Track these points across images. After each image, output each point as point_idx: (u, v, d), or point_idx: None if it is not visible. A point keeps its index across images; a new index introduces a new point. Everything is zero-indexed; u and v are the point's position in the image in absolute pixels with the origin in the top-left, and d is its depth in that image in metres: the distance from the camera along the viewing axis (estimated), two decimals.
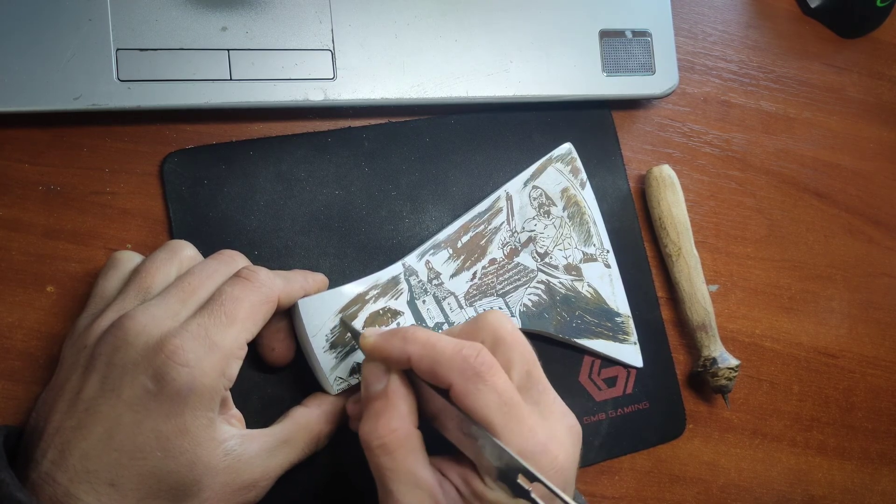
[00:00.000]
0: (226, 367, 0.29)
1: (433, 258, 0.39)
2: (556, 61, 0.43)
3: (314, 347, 0.34)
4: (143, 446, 0.28)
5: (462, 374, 0.29)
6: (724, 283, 0.49)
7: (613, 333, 0.43)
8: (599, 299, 0.43)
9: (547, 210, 0.42)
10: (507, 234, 0.41)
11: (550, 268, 0.41)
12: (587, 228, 0.43)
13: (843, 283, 0.52)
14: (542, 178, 0.43)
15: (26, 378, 0.34)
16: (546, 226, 0.42)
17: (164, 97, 0.36)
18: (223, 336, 0.29)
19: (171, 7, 0.37)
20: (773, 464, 0.48)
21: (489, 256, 0.40)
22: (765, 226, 0.51)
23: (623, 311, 0.44)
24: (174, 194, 0.37)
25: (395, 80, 0.40)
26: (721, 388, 0.44)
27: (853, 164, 0.55)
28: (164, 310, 0.30)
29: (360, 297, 0.36)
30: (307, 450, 0.33)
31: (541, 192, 0.42)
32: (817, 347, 0.51)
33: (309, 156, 0.40)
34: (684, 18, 0.52)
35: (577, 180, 0.43)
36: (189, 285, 0.31)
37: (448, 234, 0.40)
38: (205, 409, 0.29)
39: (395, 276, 0.37)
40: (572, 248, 0.42)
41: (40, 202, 0.36)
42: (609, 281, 0.43)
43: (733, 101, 0.52)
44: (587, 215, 0.43)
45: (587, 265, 0.43)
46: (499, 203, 0.41)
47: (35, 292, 0.35)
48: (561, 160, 0.43)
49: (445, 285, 0.39)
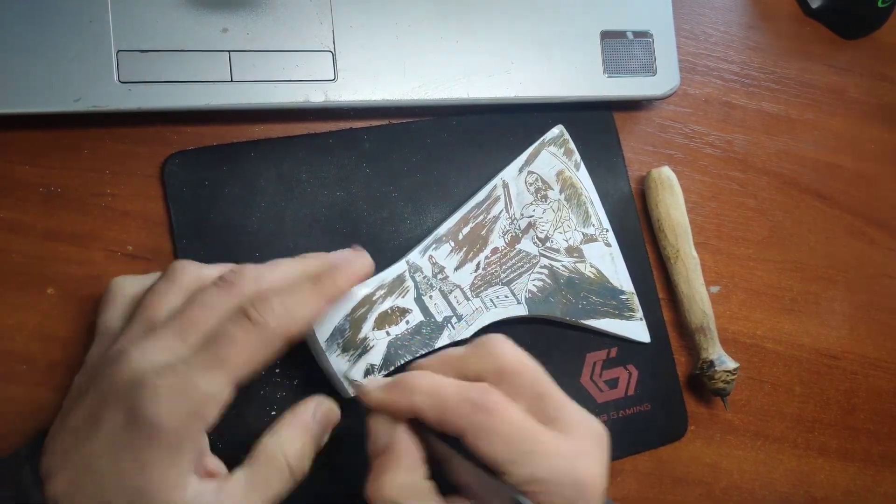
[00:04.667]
0: (202, 410, 0.27)
1: (436, 252, 0.39)
2: (558, 62, 0.43)
3: (326, 353, 0.34)
4: (115, 484, 0.26)
5: (471, 420, 0.28)
6: (725, 284, 0.49)
7: (619, 311, 0.43)
8: (602, 278, 0.43)
9: (544, 194, 0.42)
10: (506, 222, 0.41)
11: (552, 252, 0.41)
12: (585, 209, 0.43)
13: (845, 284, 0.52)
14: (537, 163, 0.43)
15: (27, 381, 0.34)
16: (544, 210, 0.42)
17: (165, 99, 0.36)
18: (207, 379, 0.27)
19: (172, 8, 0.36)
20: (775, 465, 0.48)
21: (491, 246, 0.40)
22: (766, 227, 0.51)
23: (627, 288, 0.44)
24: (175, 196, 0.37)
25: (396, 82, 0.40)
26: (719, 390, 0.44)
27: (855, 165, 0.54)
28: (159, 345, 0.28)
29: (367, 298, 0.36)
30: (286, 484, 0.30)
31: (536, 176, 0.42)
32: (819, 349, 0.51)
33: (310, 157, 0.40)
34: (685, 19, 0.52)
35: (572, 162, 0.43)
36: (188, 319, 0.29)
37: (448, 227, 0.40)
38: (173, 451, 0.27)
39: (400, 275, 0.37)
40: (572, 230, 0.43)
41: (41, 204, 0.36)
42: (611, 259, 0.43)
43: (735, 102, 0.52)
44: (584, 196, 0.43)
45: (588, 246, 0.43)
46: (496, 192, 0.41)
47: (35, 294, 0.35)
48: (553, 143, 0.43)
49: (450, 278, 0.39)
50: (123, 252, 0.37)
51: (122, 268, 0.37)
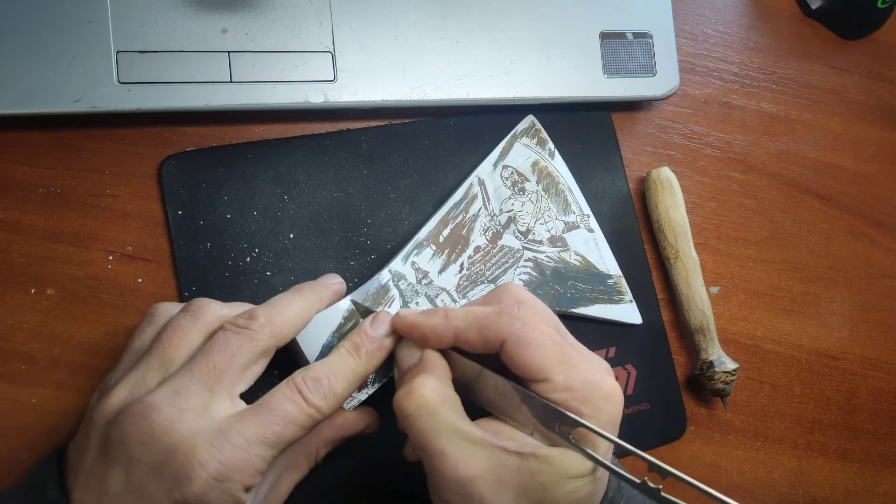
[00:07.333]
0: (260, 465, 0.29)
1: (418, 258, 0.38)
2: (557, 63, 0.43)
3: None
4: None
5: (513, 328, 0.29)
6: (725, 285, 0.49)
7: (608, 295, 0.43)
8: (588, 265, 0.43)
9: (521, 187, 0.42)
10: (486, 219, 0.41)
11: (535, 244, 0.41)
12: (564, 197, 0.43)
13: (845, 284, 0.52)
14: (511, 156, 0.42)
15: (27, 381, 0.34)
16: (523, 203, 0.42)
17: (165, 99, 0.36)
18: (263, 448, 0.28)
19: (172, 9, 0.37)
20: (775, 466, 0.48)
21: (473, 245, 0.40)
22: (766, 227, 0.51)
23: (614, 272, 0.44)
24: (172, 198, 0.37)
25: (396, 82, 0.40)
26: (719, 391, 0.44)
27: (854, 165, 0.54)
28: (190, 400, 0.28)
29: (353, 313, 0.35)
30: (307, 467, 0.34)
31: (512, 170, 0.42)
32: (819, 349, 0.51)
33: (307, 158, 0.40)
34: (685, 20, 0.52)
35: (546, 151, 0.43)
36: (214, 368, 0.29)
37: (428, 230, 0.39)
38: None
39: (384, 285, 0.37)
40: (553, 220, 0.42)
41: (40, 204, 0.36)
42: (595, 245, 0.43)
43: (734, 103, 0.52)
44: (562, 184, 0.43)
45: (571, 234, 0.43)
46: (472, 189, 0.41)
47: (35, 294, 0.35)
48: (526, 134, 0.43)
49: (435, 282, 0.38)
50: (123, 252, 0.37)
51: (122, 268, 0.37)
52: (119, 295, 0.36)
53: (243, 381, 0.30)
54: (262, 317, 0.31)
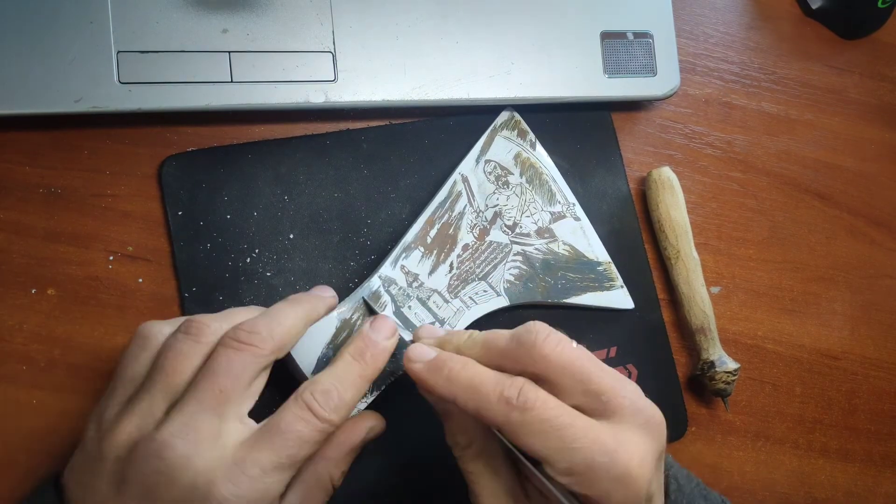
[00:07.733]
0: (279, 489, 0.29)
1: (406, 261, 0.38)
2: (558, 63, 0.43)
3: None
4: None
5: (508, 417, 0.28)
6: (725, 284, 0.49)
7: (599, 283, 0.43)
8: (577, 254, 0.43)
9: (505, 181, 0.42)
10: (472, 217, 0.40)
11: (522, 237, 0.41)
12: (548, 188, 0.43)
13: (845, 284, 0.52)
14: (493, 150, 0.42)
15: (27, 382, 0.34)
16: (508, 196, 0.42)
17: (165, 99, 0.36)
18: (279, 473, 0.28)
19: (172, 9, 0.37)
20: (776, 466, 0.48)
21: (461, 243, 0.40)
22: (766, 227, 0.51)
23: (602, 259, 0.43)
24: (172, 198, 0.37)
25: (396, 82, 0.40)
26: (719, 391, 0.44)
27: (855, 165, 0.54)
28: (201, 430, 0.27)
29: (346, 322, 0.35)
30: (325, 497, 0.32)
31: (494, 164, 0.42)
32: (819, 349, 0.50)
33: (308, 158, 0.40)
34: (685, 20, 0.52)
35: (527, 142, 0.43)
36: (220, 392, 0.28)
37: (415, 233, 0.39)
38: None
39: (374, 291, 0.37)
40: (539, 212, 0.42)
41: (41, 205, 0.36)
42: (582, 233, 0.43)
43: (735, 103, 0.52)
44: (545, 175, 0.43)
45: (557, 224, 0.43)
46: (456, 187, 0.41)
47: (36, 295, 0.35)
48: (506, 127, 0.43)
49: (426, 284, 0.38)
50: (124, 252, 0.37)
51: (122, 268, 0.37)
52: (119, 295, 0.36)
53: (249, 398, 0.30)
54: (264, 330, 0.30)
